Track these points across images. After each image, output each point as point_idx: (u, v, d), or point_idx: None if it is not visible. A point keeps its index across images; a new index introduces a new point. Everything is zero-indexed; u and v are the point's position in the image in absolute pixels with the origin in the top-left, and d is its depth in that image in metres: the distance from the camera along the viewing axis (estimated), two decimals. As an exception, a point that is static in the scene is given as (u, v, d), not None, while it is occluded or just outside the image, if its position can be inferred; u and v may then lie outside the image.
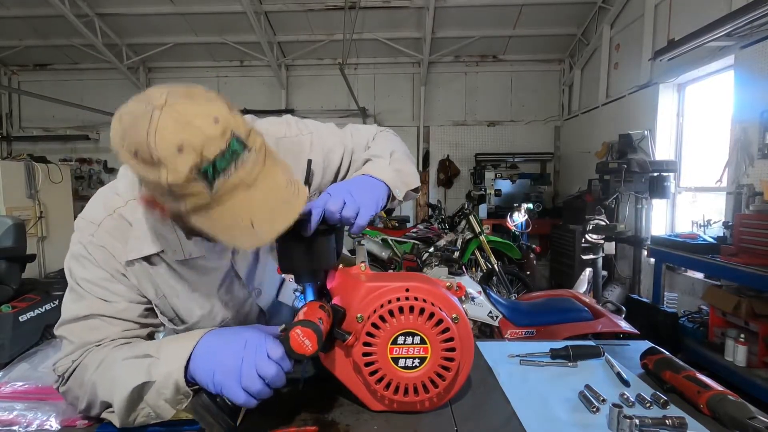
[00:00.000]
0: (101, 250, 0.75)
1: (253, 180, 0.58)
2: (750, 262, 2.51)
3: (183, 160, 0.53)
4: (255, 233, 0.59)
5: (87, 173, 6.98)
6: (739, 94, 3.22)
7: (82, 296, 0.75)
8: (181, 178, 0.54)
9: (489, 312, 2.42)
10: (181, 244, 0.76)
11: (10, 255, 2.85)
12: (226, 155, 0.55)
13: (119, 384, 0.67)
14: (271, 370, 0.62)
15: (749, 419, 0.65)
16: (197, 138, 0.53)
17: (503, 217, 4.89)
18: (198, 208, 0.57)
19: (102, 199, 0.78)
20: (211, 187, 0.55)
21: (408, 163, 0.93)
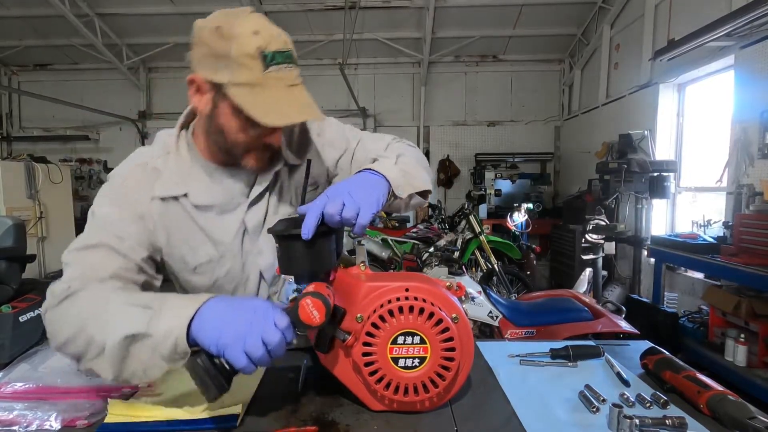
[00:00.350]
0: (126, 192, 0.84)
1: (293, 84, 0.76)
2: (750, 262, 2.51)
3: (254, 39, 0.71)
4: (286, 114, 0.74)
5: (87, 173, 6.98)
6: (739, 94, 3.22)
7: (96, 229, 0.81)
8: (247, 51, 0.71)
9: (489, 312, 2.42)
10: (203, 187, 0.87)
11: (10, 255, 2.85)
12: (284, 54, 0.74)
13: (112, 327, 0.66)
14: (275, 337, 0.63)
15: (749, 419, 0.65)
16: (271, 33, 0.74)
17: (503, 217, 4.90)
18: (244, 83, 0.73)
19: (135, 157, 0.90)
20: (265, 68, 0.72)
21: (418, 167, 0.91)
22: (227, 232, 0.89)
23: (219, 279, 0.92)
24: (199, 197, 0.86)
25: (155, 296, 0.72)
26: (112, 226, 0.81)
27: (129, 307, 0.69)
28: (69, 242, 0.79)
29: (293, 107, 0.76)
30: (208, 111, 0.80)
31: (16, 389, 0.81)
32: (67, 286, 0.74)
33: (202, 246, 0.89)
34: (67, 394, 0.80)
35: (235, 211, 0.89)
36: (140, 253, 0.83)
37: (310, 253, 0.70)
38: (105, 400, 0.76)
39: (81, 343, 0.69)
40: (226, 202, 0.88)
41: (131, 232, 0.82)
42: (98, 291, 0.74)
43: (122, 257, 0.80)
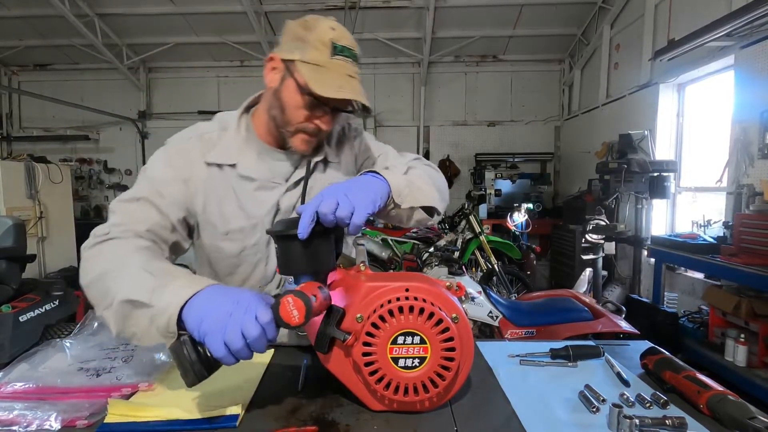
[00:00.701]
0: (179, 156, 0.94)
1: (352, 76, 0.88)
2: (750, 262, 2.51)
3: (329, 32, 0.86)
4: (339, 91, 0.84)
5: (87, 173, 6.98)
6: (739, 94, 3.22)
7: (143, 185, 0.91)
8: (321, 38, 0.85)
9: (489, 312, 2.42)
10: (251, 165, 0.96)
11: (10, 255, 2.85)
12: (350, 51, 0.88)
13: (123, 286, 0.72)
14: (254, 331, 0.62)
15: (749, 419, 0.65)
16: (345, 33, 0.89)
17: (503, 217, 4.90)
18: (311, 62, 0.85)
19: (193, 128, 1.00)
20: (331, 55, 0.86)
21: (428, 184, 0.92)
22: (261, 207, 0.97)
23: (246, 248, 0.98)
24: (245, 169, 0.96)
25: (169, 269, 0.75)
26: (157, 184, 0.91)
27: (143, 272, 0.73)
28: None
29: (347, 89, 0.85)
30: (275, 85, 0.91)
31: (16, 389, 0.81)
32: (107, 230, 0.83)
33: (237, 215, 0.96)
34: (67, 394, 0.80)
35: (273, 190, 0.97)
36: (177, 214, 0.92)
37: (307, 254, 0.70)
38: (105, 400, 0.76)
39: (99, 290, 0.75)
40: (267, 180, 0.97)
41: (173, 192, 0.92)
42: (127, 245, 0.80)
43: (160, 214, 0.89)
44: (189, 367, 0.63)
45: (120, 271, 0.75)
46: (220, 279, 1.04)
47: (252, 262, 1.00)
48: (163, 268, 0.75)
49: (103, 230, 0.84)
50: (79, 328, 1.06)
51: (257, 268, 1.01)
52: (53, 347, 0.97)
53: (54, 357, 0.94)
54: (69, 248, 4.93)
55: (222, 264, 1.02)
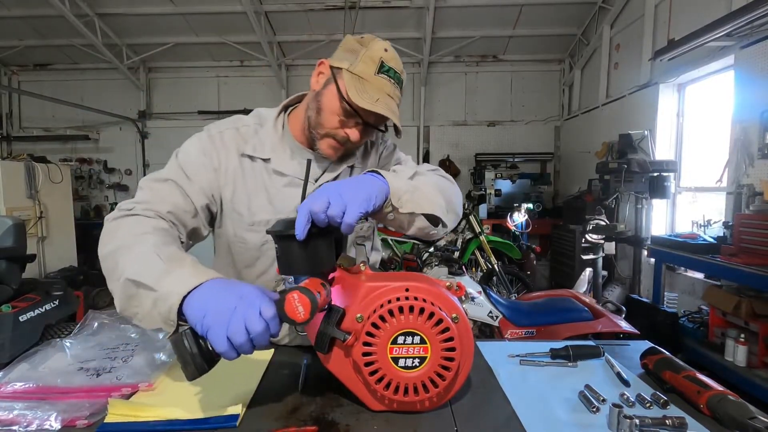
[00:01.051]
0: (215, 145, 0.98)
1: (391, 96, 0.92)
2: (750, 262, 2.51)
3: (381, 52, 0.91)
4: (372, 104, 0.88)
5: (87, 173, 6.97)
6: (739, 94, 3.22)
7: (174, 167, 0.94)
8: (372, 55, 0.90)
9: (489, 312, 2.42)
10: (283, 161, 1.00)
11: (10, 255, 2.85)
12: (396, 74, 0.92)
13: (131, 265, 0.72)
14: (258, 326, 0.62)
15: (749, 419, 0.65)
16: (396, 57, 0.93)
17: (503, 217, 4.90)
18: (357, 74, 0.89)
19: (233, 120, 1.04)
20: (377, 72, 0.90)
21: (435, 192, 0.90)
22: (289, 203, 0.99)
23: (268, 241, 1.01)
24: (279, 165, 1.00)
25: (178, 255, 0.75)
26: (187, 169, 0.94)
27: (153, 254, 0.73)
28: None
29: (381, 105, 0.89)
30: (318, 88, 0.96)
31: (16, 389, 0.81)
32: (131, 206, 0.86)
33: (265, 208, 1.00)
34: (67, 394, 0.80)
35: (300, 187, 0.98)
36: (201, 200, 0.95)
37: (306, 254, 0.70)
38: (105, 400, 0.76)
39: (111, 264, 0.77)
40: (296, 177, 1.00)
41: (201, 179, 0.95)
42: (146, 224, 0.82)
43: (185, 197, 0.92)
44: (190, 360, 0.62)
45: (132, 248, 0.76)
46: (238, 271, 1.07)
47: (271, 256, 1.02)
48: (172, 253, 0.75)
49: (127, 205, 0.86)
50: (79, 328, 1.06)
51: (275, 264, 1.01)
52: (53, 347, 0.97)
53: (54, 357, 0.94)
54: (69, 248, 4.93)
55: (243, 255, 1.04)
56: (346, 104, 0.90)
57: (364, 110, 0.89)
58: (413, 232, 0.90)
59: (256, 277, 1.06)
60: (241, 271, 1.06)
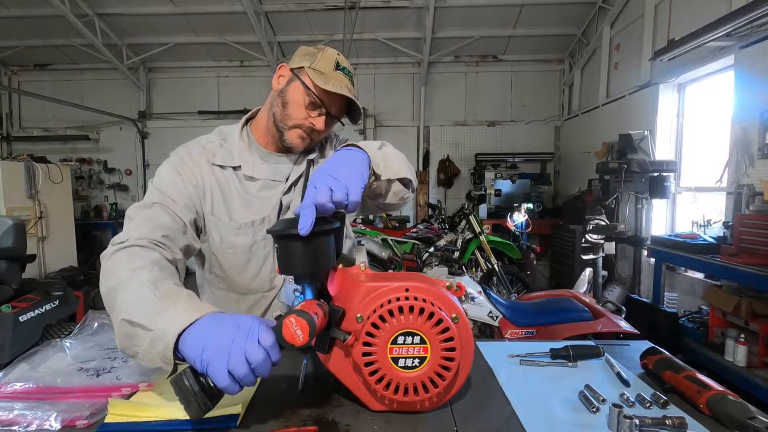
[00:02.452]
0: (187, 162, 1.02)
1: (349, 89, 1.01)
2: (750, 262, 2.51)
3: (335, 56, 1.02)
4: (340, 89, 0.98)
5: (87, 173, 6.98)
6: (739, 94, 3.22)
7: (156, 191, 0.97)
8: (328, 57, 1.01)
9: (489, 312, 2.42)
10: (254, 166, 1.05)
11: (10, 255, 2.85)
12: (349, 72, 1.03)
13: (127, 305, 0.73)
14: (259, 355, 0.61)
15: (749, 419, 0.65)
16: (345, 60, 1.04)
17: (503, 217, 4.90)
18: (318, 70, 0.98)
19: (197, 139, 1.09)
20: (335, 69, 1.00)
21: (399, 159, 0.97)
22: (267, 204, 1.05)
23: (257, 241, 1.05)
24: (249, 170, 1.05)
25: (173, 291, 0.75)
26: (169, 189, 0.97)
27: (148, 292, 0.73)
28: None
29: (345, 91, 0.98)
30: (281, 87, 1.02)
31: (16, 389, 0.81)
32: (125, 238, 0.86)
33: (246, 210, 1.04)
34: (67, 394, 0.80)
35: (275, 189, 1.06)
36: (188, 215, 0.98)
37: (308, 253, 0.70)
38: (105, 400, 0.76)
39: (110, 302, 0.77)
40: (269, 179, 1.06)
41: (184, 196, 0.98)
42: (141, 258, 0.82)
43: (173, 217, 0.95)
44: (192, 399, 0.61)
45: (127, 286, 0.76)
46: (230, 278, 1.07)
47: (262, 256, 1.06)
48: (167, 289, 0.75)
49: (120, 238, 0.87)
50: (79, 328, 1.06)
51: (267, 261, 1.07)
52: (53, 347, 0.97)
53: (54, 357, 0.94)
54: (69, 248, 4.93)
55: (233, 261, 1.06)
56: (312, 95, 0.98)
57: (328, 99, 0.99)
58: (390, 199, 0.95)
59: (250, 280, 1.07)
60: (234, 278, 1.07)
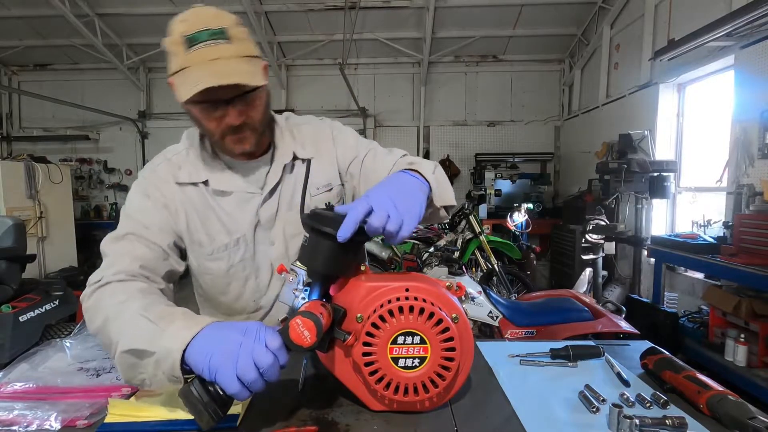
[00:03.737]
0: (154, 183, 0.93)
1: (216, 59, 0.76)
2: (750, 262, 2.51)
3: (180, 27, 0.78)
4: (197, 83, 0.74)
5: (87, 173, 6.98)
6: (739, 94, 3.22)
7: (126, 220, 0.90)
8: (174, 39, 0.78)
9: (489, 312, 2.42)
10: (222, 179, 0.94)
11: (10, 255, 2.85)
12: (209, 32, 0.77)
13: (123, 335, 0.71)
14: (267, 359, 0.61)
15: (749, 419, 0.65)
16: (200, 16, 0.78)
17: (503, 217, 4.89)
18: (176, 70, 0.78)
19: (163, 153, 0.99)
20: (187, 50, 0.77)
21: (447, 182, 0.93)
22: (242, 221, 0.95)
23: (234, 265, 0.97)
24: (218, 184, 0.94)
25: (166, 312, 0.73)
26: (139, 217, 0.90)
27: (141, 319, 0.71)
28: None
29: (205, 79, 0.75)
30: (183, 108, 0.85)
31: (16, 389, 0.81)
32: (100, 276, 0.82)
33: (219, 233, 0.95)
34: (67, 394, 0.80)
35: (250, 202, 0.95)
36: (165, 240, 0.91)
37: (338, 256, 0.70)
38: (105, 400, 0.76)
39: (104, 340, 0.76)
40: (242, 192, 0.95)
41: (156, 220, 0.91)
42: (123, 291, 0.79)
43: (149, 246, 0.88)
44: (202, 408, 0.61)
45: (118, 319, 0.74)
46: (213, 299, 1.03)
47: (242, 278, 0.99)
48: (160, 312, 0.73)
49: (96, 277, 0.83)
50: (79, 328, 1.06)
51: (248, 283, 0.99)
52: (53, 347, 0.97)
53: (54, 357, 0.94)
54: (69, 248, 4.93)
55: (212, 284, 1.00)
56: (189, 105, 0.81)
57: (210, 94, 0.76)
58: (429, 221, 0.91)
59: (233, 301, 1.01)
60: (217, 299, 1.03)
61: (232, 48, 0.78)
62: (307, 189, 0.99)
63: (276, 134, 1.00)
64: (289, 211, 0.98)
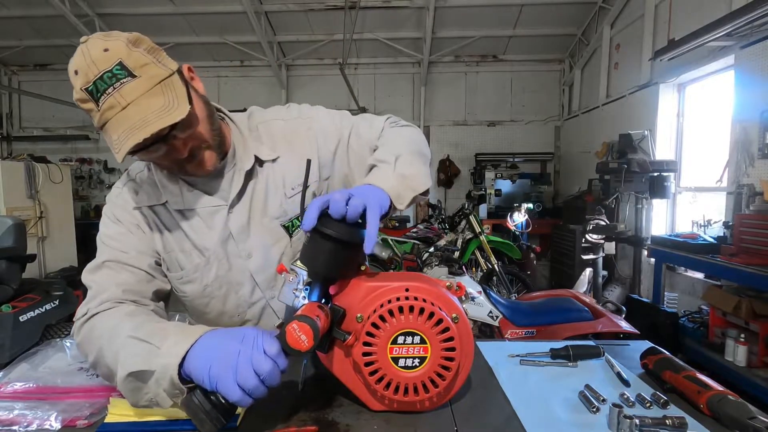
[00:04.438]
0: (120, 208, 0.89)
1: (125, 106, 0.68)
2: (750, 262, 2.51)
3: (77, 80, 0.68)
4: (119, 142, 0.68)
5: (87, 173, 6.99)
6: (739, 94, 3.22)
7: (103, 248, 0.87)
8: (78, 97, 0.68)
9: (489, 312, 2.42)
10: (182, 195, 0.88)
11: (10, 255, 2.85)
12: (104, 77, 0.67)
13: (120, 361, 0.69)
14: (266, 365, 0.61)
15: (749, 419, 0.65)
16: (84, 64, 0.67)
17: (503, 217, 4.90)
18: (101, 126, 0.70)
19: (128, 172, 0.94)
20: (97, 105, 0.68)
21: (417, 163, 0.85)
22: (211, 237, 0.90)
23: (208, 285, 0.92)
24: (177, 203, 0.88)
25: (158, 328, 0.72)
26: (114, 243, 0.87)
27: (134, 340, 0.70)
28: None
29: (122, 138, 0.68)
30: None
31: (16, 389, 0.81)
32: (85, 310, 0.80)
33: (192, 250, 0.90)
34: (67, 394, 0.80)
35: (216, 215, 0.89)
36: (145, 261, 0.87)
37: (338, 257, 0.70)
38: (105, 400, 0.76)
39: (103, 370, 0.74)
40: (206, 206, 0.89)
41: (133, 243, 0.87)
42: (111, 317, 0.77)
43: (129, 270, 0.85)
44: (204, 417, 0.60)
45: (112, 345, 0.72)
46: (197, 316, 1.01)
47: (220, 296, 0.94)
48: (151, 329, 0.71)
49: (82, 311, 0.81)
50: (79, 328, 1.05)
51: (228, 299, 0.95)
52: (53, 347, 0.97)
53: (54, 357, 0.94)
54: (69, 248, 4.93)
55: (192, 305, 0.97)
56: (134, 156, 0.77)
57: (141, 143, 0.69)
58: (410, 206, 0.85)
59: (216, 317, 0.97)
60: (202, 317, 0.99)
61: (138, 83, 0.69)
62: (306, 189, 0.92)
63: (234, 138, 0.91)
64: (264, 218, 0.92)
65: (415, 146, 0.90)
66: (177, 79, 0.75)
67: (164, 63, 0.75)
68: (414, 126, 1.01)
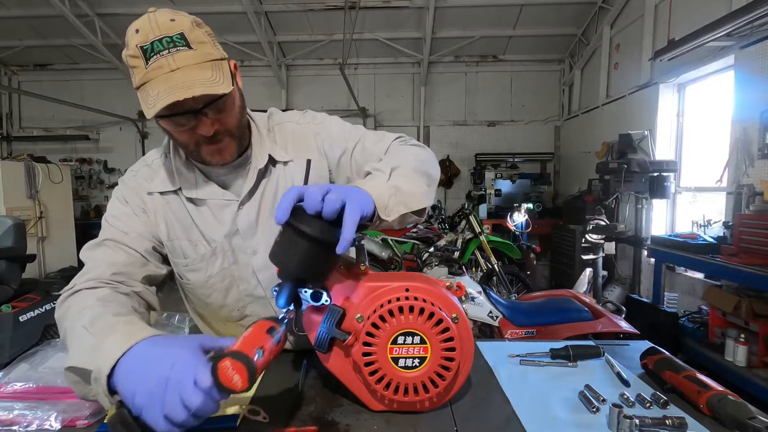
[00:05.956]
0: (131, 190, 0.92)
1: (175, 69, 0.71)
2: (750, 262, 2.51)
3: (134, 38, 0.72)
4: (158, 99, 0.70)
5: (87, 173, 6.99)
6: (739, 94, 3.22)
7: (106, 226, 0.89)
8: (131, 53, 0.72)
9: (489, 312, 2.42)
10: (196, 185, 0.90)
11: (10, 255, 2.85)
12: (163, 41, 0.71)
13: (69, 352, 0.67)
14: (196, 400, 0.54)
15: (749, 419, 0.65)
16: (153, 24, 0.72)
17: (503, 217, 4.90)
18: (139, 86, 0.73)
19: (144, 157, 0.97)
20: (146, 63, 0.71)
21: (416, 180, 0.81)
22: (218, 230, 0.92)
23: (212, 276, 0.94)
24: (191, 191, 0.90)
25: (109, 323, 0.68)
26: (118, 222, 0.89)
27: (85, 332, 0.67)
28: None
29: (163, 94, 0.70)
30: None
31: (16, 389, 0.81)
32: (73, 284, 0.82)
33: (200, 240, 0.92)
34: (67, 394, 0.80)
35: (226, 209, 0.91)
36: (143, 245, 0.89)
37: (312, 258, 0.64)
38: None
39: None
40: (217, 199, 0.91)
41: (135, 225, 0.89)
42: (87, 298, 0.77)
43: (126, 252, 0.87)
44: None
45: (72, 331, 0.70)
46: (198, 309, 1.02)
47: (222, 289, 0.95)
48: (105, 323, 0.68)
49: (69, 285, 0.82)
50: (79, 328, 1.05)
51: (230, 293, 0.95)
52: (53, 347, 0.97)
53: (54, 357, 0.94)
54: (69, 248, 4.93)
55: (194, 294, 0.98)
56: (162, 123, 0.78)
57: (177, 107, 0.71)
58: (400, 226, 0.81)
59: (216, 309, 0.98)
60: (204, 310, 1.00)
61: (193, 55, 0.73)
62: None
63: (253, 136, 0.93)
64: (271, 218, 0.89)
65: (420, 164, 0.86)
66: (226, 64, 0.79)
67: (218, 48, 0.80)
68: (425, 147, 0.97)
